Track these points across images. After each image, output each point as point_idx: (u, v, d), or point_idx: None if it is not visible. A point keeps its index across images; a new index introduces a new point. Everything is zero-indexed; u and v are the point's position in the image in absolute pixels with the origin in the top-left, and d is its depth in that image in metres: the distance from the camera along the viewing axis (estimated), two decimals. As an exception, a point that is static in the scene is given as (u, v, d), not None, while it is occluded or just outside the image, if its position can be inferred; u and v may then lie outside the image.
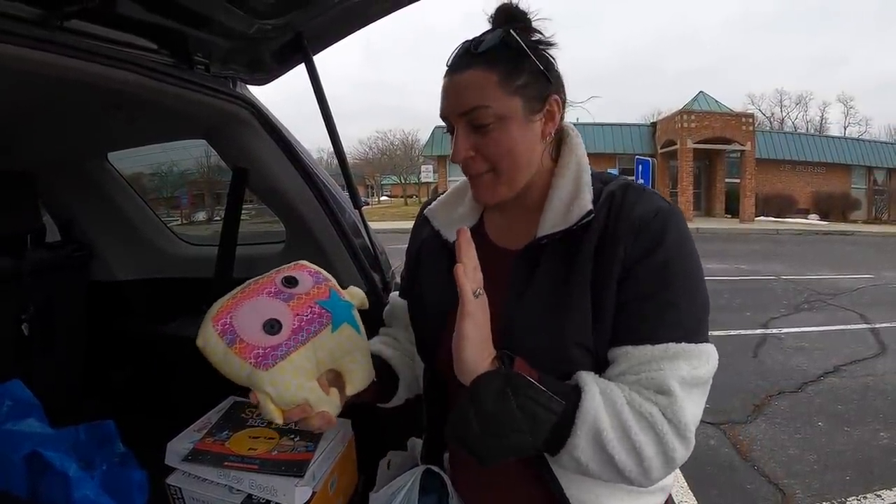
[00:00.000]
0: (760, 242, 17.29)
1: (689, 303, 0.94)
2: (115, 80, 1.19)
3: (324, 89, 1.51)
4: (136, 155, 2.48)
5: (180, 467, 1.22)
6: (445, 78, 1.01)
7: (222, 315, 0.93)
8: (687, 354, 0.90)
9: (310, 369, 0.93)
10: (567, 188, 1.03)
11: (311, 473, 1.17)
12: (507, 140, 0.98)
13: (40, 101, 1.45)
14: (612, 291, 0.94)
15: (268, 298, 0.97)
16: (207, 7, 1.17)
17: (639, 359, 0.91)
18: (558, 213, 1.01)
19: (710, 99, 27.18)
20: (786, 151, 28.82)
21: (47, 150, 2.02)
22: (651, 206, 0.96)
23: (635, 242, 0.93)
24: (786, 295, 8.68)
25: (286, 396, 0.90)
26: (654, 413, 0.88)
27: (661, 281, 0.92)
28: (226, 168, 1.78)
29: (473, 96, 0.97)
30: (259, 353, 0.89)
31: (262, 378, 0.89)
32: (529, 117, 0.99)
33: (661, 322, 0.92)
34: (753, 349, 5.65)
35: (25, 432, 1.33)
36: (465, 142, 1.00)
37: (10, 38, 0.95)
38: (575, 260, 0.97)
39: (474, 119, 0.97)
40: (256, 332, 0.92)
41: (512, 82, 0.96)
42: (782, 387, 4.71)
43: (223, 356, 0.90)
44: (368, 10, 1.36)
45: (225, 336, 0.91)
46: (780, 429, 3.90)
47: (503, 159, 0.99)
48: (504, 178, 1.01)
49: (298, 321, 0.95)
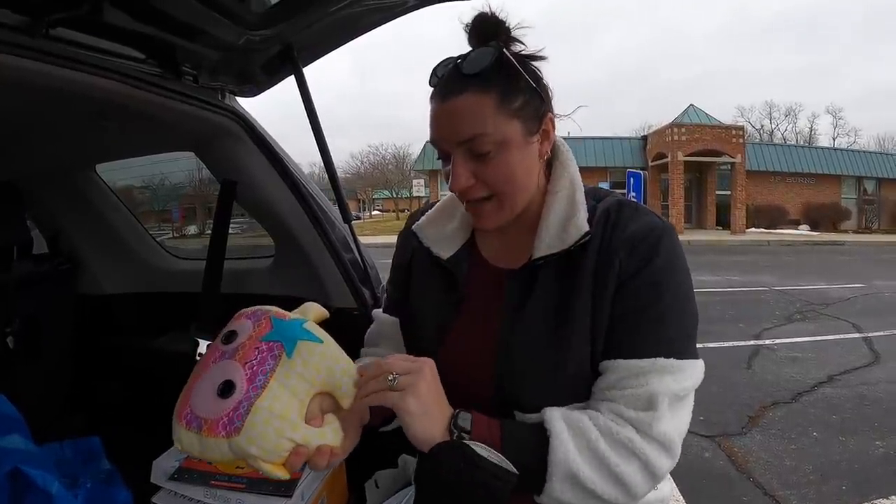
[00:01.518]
0: (752, 254, 17.36)
1: (678, 318, 0.94)
2: (101, 89, 1.18)
3: (313, 101, 1.50)
4: (128, 168, 2.46)
5: (166, 486, 1.20)
6: (435, 102, 0.96)
7: (183, 408, 0.87)
8: (674, 369, 0.90)
9: (285, 409, 0.85)
10: (561, 207, 1.01)
11: (299, 493, 1.15)
12: (508, 165, 0.95)
13: (26, 111, 1.44)
14: (606, 309, 0.94)
15: (214, 366, 0.89)
16: (196, 17, 1.16)
17: (627, 372, 0.91)
18: (554, 234, 0.99)
19: (700, 112, 27.38)
20: (776, 163, 29.02)
21: (34, 160, 2.00)
22: (645, 223, 0.96)
23: (629, 258, 0.93)
24: (778, 306, 8.68)
25: (270, 448, 0.83)
26: (633, 438, 0.88)
27: (651, 296, 0.93)
28: (216, 182, 1.77)
29: (471, 124, 0.92)
30: (225, 422, 0.83)
31: (240, 443, 0.82)
32: (527, 139, 0.96)
33: (651, 336, 0.92)
34: (747, 360, 5.63)
35: (8, 448, 1.29)
36: (464, 170, 0.95)
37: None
38: (573, 281, 0.96)
39: (473, 147, 0.93)
40: (213, 403, 0.85)
41: (509, 105, 0.93)
42: (776, 398, 4.70)
43: (201, 447, 0.84)
44: (358, 21, 1.35)
45: (192, 427, 0.85)
46: (775, 440, 3.88)
47: (505, 185, 0.96)
48: (506, 204, 0.99)
49: (249, 369, 0.86)
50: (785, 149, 31.09)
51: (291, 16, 1.25)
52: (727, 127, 26.54)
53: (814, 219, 27.69)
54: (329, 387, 0.89)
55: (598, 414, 0.91)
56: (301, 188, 1.66)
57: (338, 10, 1.22)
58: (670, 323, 0.93)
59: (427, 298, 1.15)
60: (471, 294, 1.10)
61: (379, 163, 49.45)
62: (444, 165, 0.99)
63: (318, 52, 1.48)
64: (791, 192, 29.07)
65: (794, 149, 31.35)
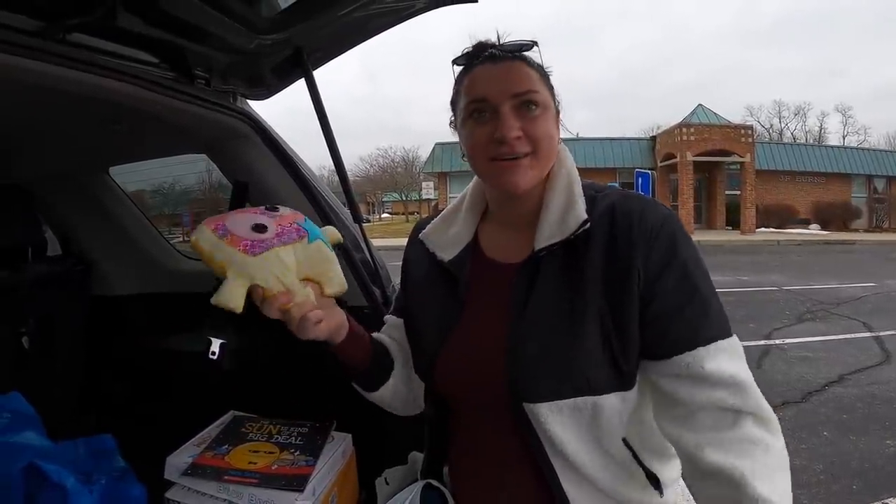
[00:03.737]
0: (762, 254, 17.29)
1: (715, 297, 0.98)
2: (116, 92, 1.19)
3: (323, 104, 1.51)
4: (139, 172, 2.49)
5: (179, 481, 1.21)
6: (483, 66, 1.04)
7: (216, 220, 1.04)
8: (734, 347, 0.95)
9: (291, 264, 1.03)
10: (559, 199, 1.05)
11: (311, 488, 1.16)
12: (549, 126, 1.03)
13: (41, 114, 1.46)
14: (632, 300, 0.95)
15: (254, 214, 1.08)
16: (208, 22, 1.18)
17: (699, 361, 0.93)
18: (553, 225, 1.02)
19: (708, 112, 27.30)
20: (785, 162, 28.89)
21: (48, 163, 2.03)
22: (656, 213, 0.99)
23: (652, 252, 0.95)
24: (788, 305, 8.67)
25: (271, 279, 1.00)
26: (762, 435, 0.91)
27: (689, 284, 0.96)
28: (228, 185, 1.78)
29: (527, 81, 1.02)
30: (248, 244, 1.00)
31: (251, 262, 0.99)
32: (555, 116, 1.06)
33: (702, 323, 0.95)
34: (757, 360, 5.64)
35: (23, 444, 1.31)
36: (514, 121, 1.01)
37: (11, 48, 0.96)
38: (578, 271, 0.98)
39: (527, 100, 1.01)
40: (246, 230, 1.03)
41: (546, 83, 1.05)
42: (787, 397, 4.69)
43: (214, 245, 1.00)
44: (367, 25, 1.37)
45: (217, 232, 1.01)
46: (786, 439, 3.82)
47: (544, 142, 1.02)
48: (540, 163, 1.04)
49: (281, 228, 1.06)
50: (794, 148, 30.95)
51: (301, 20, 1.26)
52: (736, 126, 26.45)
53: (824, 218, 27.52)
54: (322, 277, 1.09)
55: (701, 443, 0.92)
56: (312, 188, 1.67)
57: (347, 13, 1.24)
58: (712, 302, 0.97)
59: (430, 300, 1.17)
60: (474, 292, 1.12)
61: (388, 165, 49.61)
62: (478, 121, 1.03)
63: (328, 56, 1.50)
64: (801, 192, 28.91)
65: (803, 148, 31.20)
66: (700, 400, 0.92)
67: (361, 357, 1.18)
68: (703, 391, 0.92)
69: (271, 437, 1.33)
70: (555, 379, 0.96)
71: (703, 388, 0.92)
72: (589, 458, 0.98)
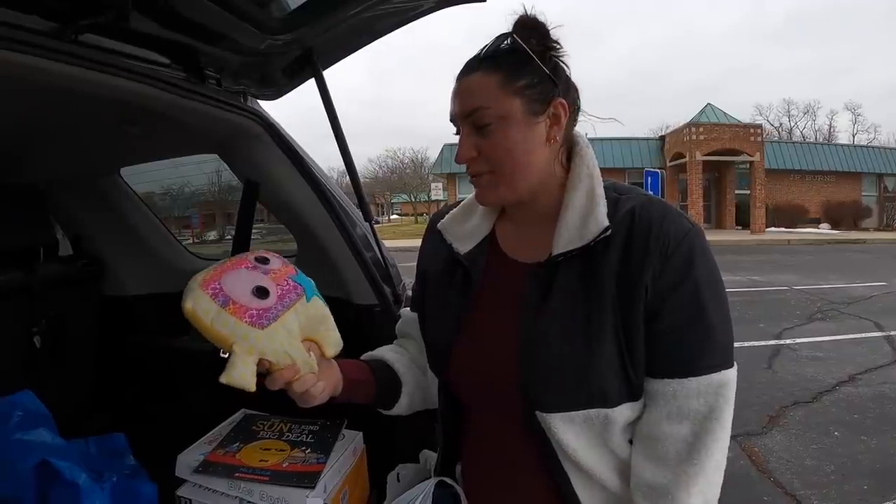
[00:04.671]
0: (772, 253, 17.20)
1: (723, 324, 0.94)
2: (129, 92, 1.20)
3: (333, 103, 1.52)
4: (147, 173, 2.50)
5: (191, 479, 1.22)
6: (456, 83, 1.02)
7: (211, 281, 0.97)
8: (726, 381, 0.93)
9: (296, 333, 1.01)
10: (580, 201, 1.00)
11: (322, 485, 1.16)
12: (507, 140, 0.97)
13: (55, 116, 1.47)
14: (638, 313, 0.93)
15: (247, 271, 1.03)
16: (219, 23, 1.19)
17: (685, 394, 0.92)
18: (573, 229, 0.99)
19: (717, 111, 27.18)
20: (795, 161, 28.74)
21: (61, 165, 2.04)
22: (679, 226, 0.94)
23: (666, 266, 0.92)
24: (799, 305, 8.62)
25: (280, 354, 0.96)
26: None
27: (696, 307, 0.92)
28: (237, 188, 1.78)
29: (475, 98, 0.97)
30: (254, 315, 0.95)
31: (260, 336, 0.94)
32: (530, 119, 0.97)
33: (702, 351, 0.93)
34: (767, 360, 5.60)
35: (35, 442, 1.32)
36: (467, 142, 1.00)
37: (25, 47, 0.97)
38: (595, 278, 0.96)
39: (476, 120, 0.97)
40: (247, 297, 0.97)
41: (513, 83, 0.96)
42: (797, 397, 4.67)
43: (216, 316, 0.93)
44: (375, 25, 1.37)
45: (217, 299, 0.94)
46: (796, 440, 3.86)
47: (502, 160, 0.98)
48: (504, 180, 1.00)
49: (280, 290, 1.02)
50: (804, 147, 30.79)
51: (311, 20, 1.27)
52: (745, 125, 26.32)
53: (834, 217, 27.36)
54: (320, 338, 1.07)
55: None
56: (322, 187, 1.67)
57: (356, 13, 1.25)
58: (717, 331, 0.93)
59: (445, 294, 1.15)
60: (489, 288, 1.10)
61: (397, 167, 49.69)
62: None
63: (337, 56, 1.50)
64: (811, 191, 28.79)
65: (813, 147, 31.05)
66: (665, 430, 0.94)
67: (363, 397, 1.18)
68: (673, 426, 0.93)
69: (282, 434, 1.33)
70: (568, 390, 0.94)
71: (675, 422, 0.93)
72: (600, 463, 0.98)
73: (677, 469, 0.94)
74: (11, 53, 0.95)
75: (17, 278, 1.86)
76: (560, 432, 0.96)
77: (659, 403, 0.95)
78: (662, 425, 0.94)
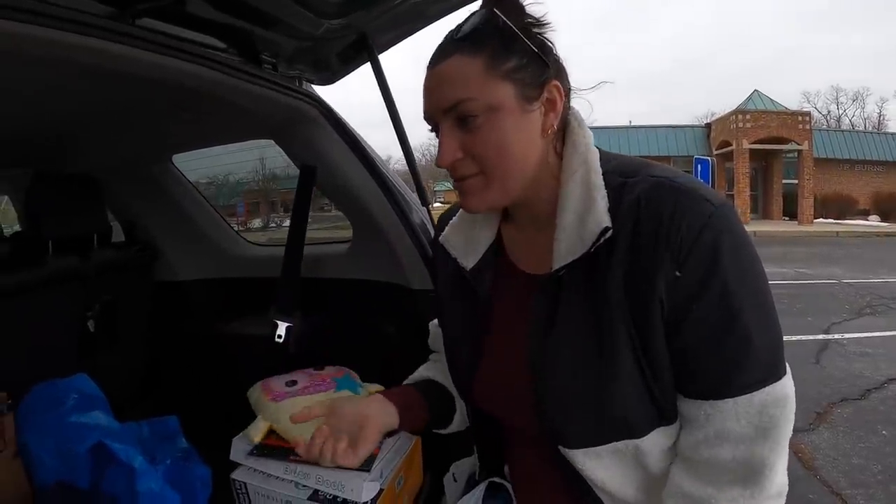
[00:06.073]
0: (820, 245, 16.75)
1: (762, 331, 0.79)
2: (187, 74, 1.20)
3: (389, 86, 1.52)
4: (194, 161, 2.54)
5: (245, 462, 1.21)
6: (427, 73, 0.88)
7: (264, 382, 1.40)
8: (773, 399, 0.79)
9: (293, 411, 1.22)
10: (576, 195, 0.86)
11: (378, 469, 1.14)
12: (499, 134, 0.84)
13: (112, 102, 1.48)
14: (656, 329, 0.80)
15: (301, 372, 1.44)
16: (276, 7, 1.19)
17: (721, 417, 0.80)
18: (571, 232, 0.85)
19: (765, 98, 26.49)
20: (843, 150, 27.87)
21: (116, 152, 2.08)
22: (695, 214, 0.77)
23: (682, 270, 0.77)
24: (847, 299, 8.37)
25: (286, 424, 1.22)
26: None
27: (726, 314, 0.77)
28: (279, 177, 1.80)
29: (457, 88, 0.83)
30: (274, 395, 1.31)
31: (270, 407, 1.28)
32: (525, 106, 0.84)
33: (738, 366, 0.78)
34: (815, 355, 5.46)
35: (91, 424, 1.34)
36: (451, 142, 0.86)
37: (85, 28, 0.96)
38: (603, 289, 0.82)
39: (460, 113, 0.84)
40: (280, 385, 1.36)
41: (500, 65, 0.82)
42: (845, 394, 4.55)
43: (255, 401, 1.34)
44: (428, 10, 1.35)
45: (263, 388, 1.37)
46: (843, 437, 3.76)
47: (494, 157, 0.85)
48: (496, 182, 0.87)
49: (310, 382, 1.37)
50: (853, 135, 29.83)
51: (367, 4, 1.26)
52: (793, 113, 25.62)
53: (884, 209, 26.42)
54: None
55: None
56: (380, 171, 1.67)
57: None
58: (755, 341, 0.78)
59: (458, 312, 1.07)
60: (500, 305, 1.00)
61: (440, 153, 49.35)
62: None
63: (392, 41, 1.50)
64: (860, 181, 27.85)
65: (862, 135, 30.06)
66: (705, 455, 0.83)
67: (420, 421, 1.16)
68: (713, 449, 0.82)
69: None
70: (588, 424, 0.85)
71: (715, 446, 0.81)
72: (636, 489, 0.91)
73: (727, 492, 0.83)
74: (73, 35, 0.95)
75: (71, 264, 1.90)
76: (588, 469, 0.88)
77: (694, 427, 0.84)
78: (701, 449, 0.83)
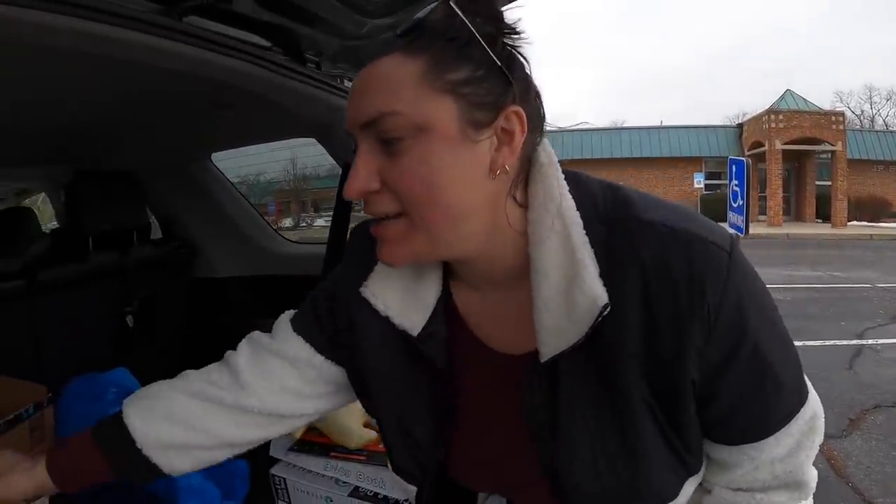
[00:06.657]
0: (854, 249, 16.42)
1: (789, 367, 0.75)
2: (233, 71, 1.22)
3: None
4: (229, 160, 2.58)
5: (285, 458, 1.22)
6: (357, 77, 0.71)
7: None
8: (804, 422, 0.77)
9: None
10: (553, 259, 0.69)
11: None
12: (427, 165, 0.65)
13: (156, 99, 1.50)
14: (686, 398, 0.71)
15: None
16: (321, 7, 1.20)
17: (764, 454, 0.76)
18: (556, 309, 0.69)
19: (797, 97, 25.96)
20: (878, 151, 27.15)
21: (157, 151, 2.12)
22: (713, 268, 0.67)
23: (712, 335, 0.67)
24: (882, 304, 8.19)
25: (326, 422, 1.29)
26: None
27: (759, 367, 0.71)
28: (311, 177, 1.82)
29: (381, 97, 0.65)
30: None
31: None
32: (468, 133, 0.66)
33: (775, 408, 0.74)
34: (849, 361, 5.36)
35: None
36: (366, 166, 0.67)
37: (135, 24, 0.97)
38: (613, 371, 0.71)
39: (381, 131, 0.66)
40: None
41: (443, 74, 0.64)
42: (879, 401, 4.47)
43: None
44: None
45: None
46: (877, 445, 3.69)
47: (419, 196, 0.66)
48: (421, 230, 0.68)
49: None
50: (887, 136, 28.97)
51: (411, 3, 1.26)
52: (826, 113, 25.07)
53: (920, 212, 25.88)
54: None
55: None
56: None
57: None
58: (786, 380, 0.74)
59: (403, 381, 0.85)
60: (464, 380, 0.82)
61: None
62: None
63: None
64: (895, 183, 27.25)
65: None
66: (747, 480, 0.79)
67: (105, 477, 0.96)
68: (750, 475, 0.78)
69: None
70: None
71: (762, 471, 0.78)
72: None
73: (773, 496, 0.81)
74: (120, 30, 0.96)
75: (111, 260, 1.94)
76: None
77: (735, 467, 0.79)
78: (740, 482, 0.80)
